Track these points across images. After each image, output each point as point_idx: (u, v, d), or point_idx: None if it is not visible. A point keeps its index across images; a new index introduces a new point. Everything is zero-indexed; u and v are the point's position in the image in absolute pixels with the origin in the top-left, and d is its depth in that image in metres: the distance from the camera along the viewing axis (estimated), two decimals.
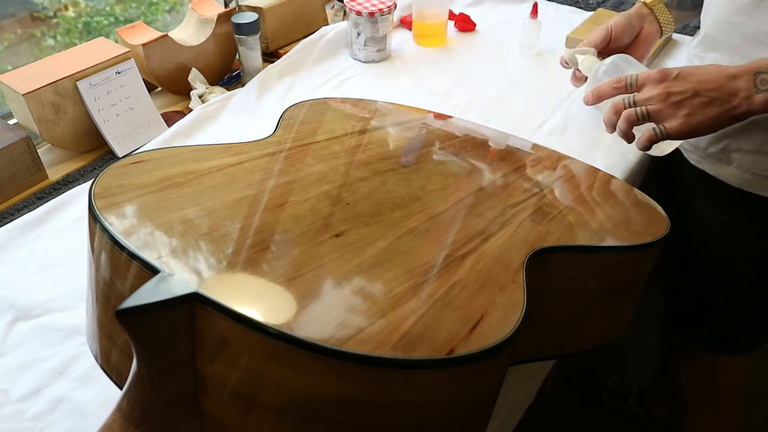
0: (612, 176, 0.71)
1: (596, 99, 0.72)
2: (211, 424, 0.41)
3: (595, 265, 0.57)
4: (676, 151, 0.82)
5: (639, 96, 0.66)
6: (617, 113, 0.67)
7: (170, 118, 0.92)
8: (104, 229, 0.44)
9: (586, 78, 0.80)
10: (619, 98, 0.68)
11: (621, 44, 0.82)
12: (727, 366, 0.92)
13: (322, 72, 1.04)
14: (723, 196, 0.76)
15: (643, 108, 0.65)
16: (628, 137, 0.68)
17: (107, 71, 0.84)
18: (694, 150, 0.78)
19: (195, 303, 0.39)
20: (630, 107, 0.66)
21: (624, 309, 0.63)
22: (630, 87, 0.68)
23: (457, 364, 0.39)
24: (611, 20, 0.83)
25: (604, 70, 0.76)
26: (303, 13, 1.10)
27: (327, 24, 1.16)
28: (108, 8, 1.63)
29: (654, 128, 0.65)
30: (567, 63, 0.84)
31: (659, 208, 0.65)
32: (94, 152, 0.88)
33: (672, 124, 0.63)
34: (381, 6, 1.01)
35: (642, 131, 0.67)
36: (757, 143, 0.70)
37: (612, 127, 0.69)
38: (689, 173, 0.80)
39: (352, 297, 0.42)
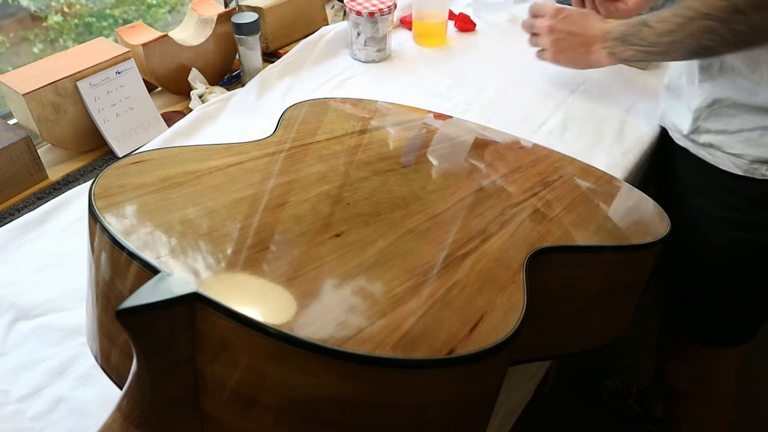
0: (612, 176, 0.71)
1: (524, 28, 0.94)
2: (211, 424, 0.41)
3: (595, 265, 0.57)
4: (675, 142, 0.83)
5: (537, 22, 0.90)
6: (525, 28, 0.93)
7: (170, 118, 0.92)
8: (104, 229, 0.44)
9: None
10: (532, 20, 0.92)
11: None
12: (716, 359, 0.92)
13: (322, 72, 1.04)
14: (716, 182, 0.77)
15: (533, 38, 0.91)
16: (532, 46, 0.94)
17: (107, 71, 0.84)
18: (679, 134, 0.81)
19: (195, 303, 0.39)
20: (530, 29, 0.92)
21: (624, 309, 0.63)
22: (537, 13, 0.90)
23: (457, 364, 0.39)
24: None
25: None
26: (303, 13, 1.10)
27: (327, 24, 1.16)
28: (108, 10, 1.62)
29: (539, 50, 0.92)
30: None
31: (659, 208, 0.65)
32: (94, 152, 0.88)
33: (546, 54, 0.90)
34: (381, 6, 1.01)
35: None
36: (722, 124, 0.74)
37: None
38: (685, 163, 0.81)
39: (352, 297, 0.42)
